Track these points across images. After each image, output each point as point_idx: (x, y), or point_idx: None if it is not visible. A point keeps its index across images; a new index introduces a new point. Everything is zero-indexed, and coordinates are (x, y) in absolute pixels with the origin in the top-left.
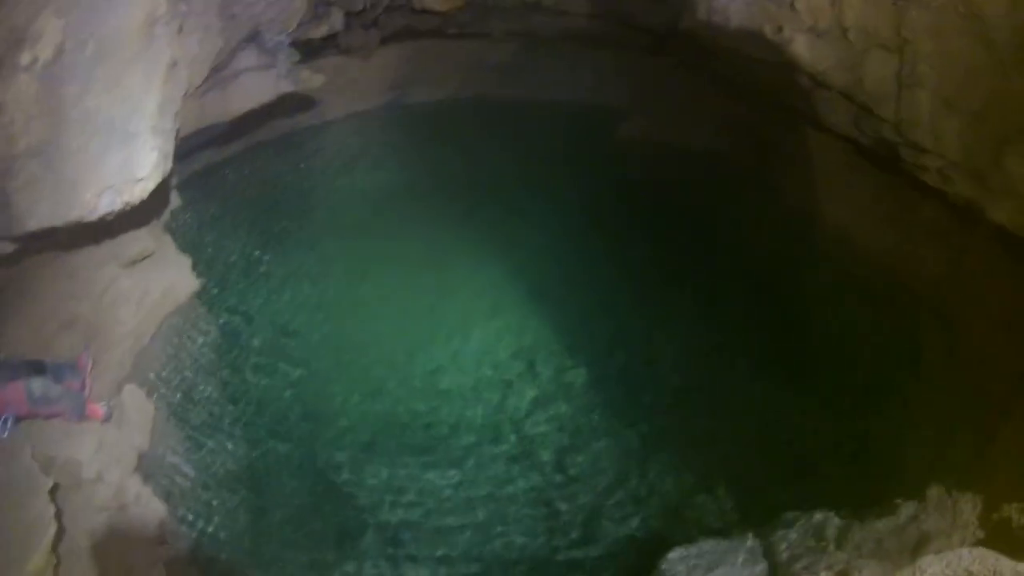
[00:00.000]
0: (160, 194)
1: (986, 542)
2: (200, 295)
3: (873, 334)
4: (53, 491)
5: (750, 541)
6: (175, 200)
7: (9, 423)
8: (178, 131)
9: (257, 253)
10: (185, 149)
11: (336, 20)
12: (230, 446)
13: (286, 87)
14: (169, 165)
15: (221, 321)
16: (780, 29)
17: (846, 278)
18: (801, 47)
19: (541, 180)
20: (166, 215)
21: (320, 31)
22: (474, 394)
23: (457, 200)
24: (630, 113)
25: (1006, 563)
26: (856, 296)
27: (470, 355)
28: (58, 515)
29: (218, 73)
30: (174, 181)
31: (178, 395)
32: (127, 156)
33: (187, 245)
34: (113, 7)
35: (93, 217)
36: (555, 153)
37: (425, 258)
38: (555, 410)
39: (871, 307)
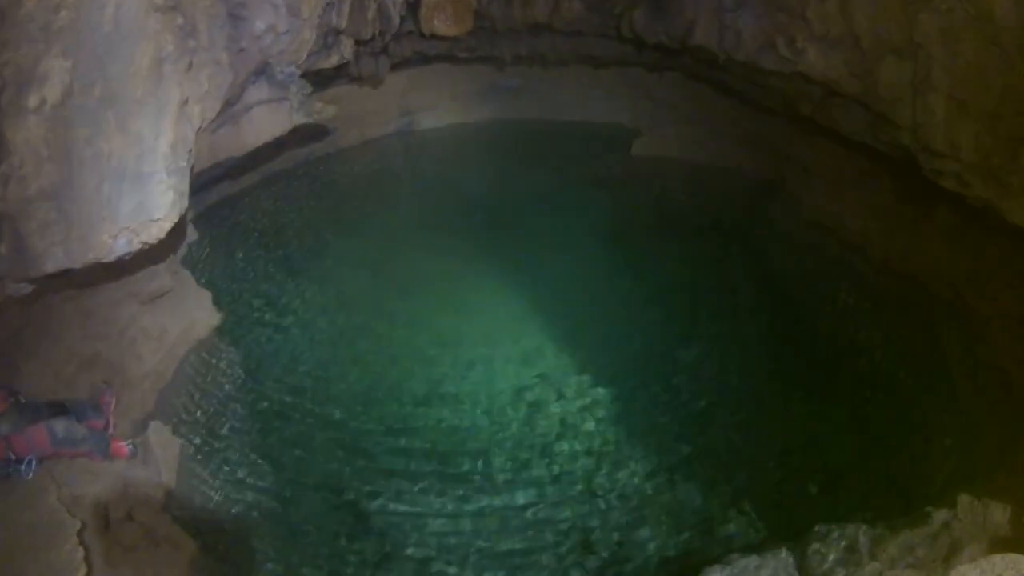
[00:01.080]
0: (177, 230)
1: (1018, 547)
2: (221, 330)
3: (896, 342)
4: (81, 532)
5: (784, 555)
6: (192, 234)
7: (33, 464)
8: (192, 167)
9: (276, 285)
10: (200, 182)
11: (346, 49)
12: (258, 481)
13: (299, 119)
14: (185, 203)
15: (243, 356)
16: (793, 40)
17: (867, 286)
18: (814, 57)
19: (558, 201)
20: (183, 249)
21: (330, 61)
22: (501, 420)
23: (473, 224)
24: (643, 131)
25: None
26: (878, 304)
27: (495, 381)
28: (87, 557)
29: (230, 107)
30: (190, 215)
31: (203, 431)
32: (142, 198)
33: (205, 279)
34: (120, 48)
35: (110, 258)
36: (571, 173)
37: (444, 284)
38: (583, 433)
39: (893, 314)
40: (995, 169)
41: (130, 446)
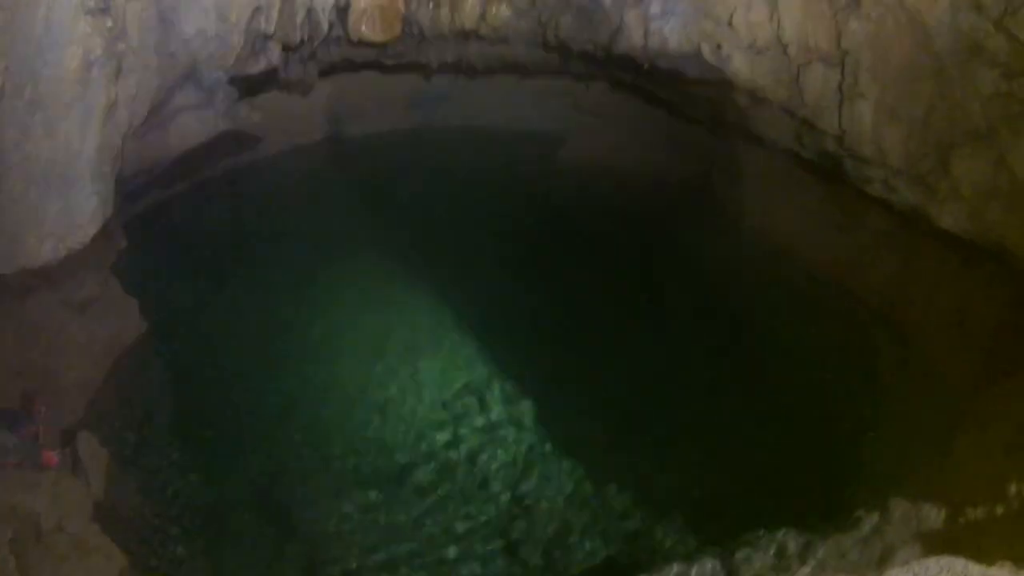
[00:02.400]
0: (104, 236)
1: (953, 548)
2: (148, 338)
3: (825, 346)
4: (12, 542)
5: (712, 563)
6: (120, 241)
7: None
8: (120, 172)
9: (204, 295)
10: (128, 189)
11: (273, 55)
12: (187, 490)
13: (226, 125)
14: (110, 209)
15: (170, 365)
16: (718, 48)
17: (796, 292)
18: (740, 65)
19: (483, 211)
20: (112, 257)
21: (258, 67)
22: (425, 431)
23: (399, 234)
24: (570, 139)
25: (975, 568)
26: (807, 309)
27: (419, 392)
28: (19, 567)
29: (158, 112)
30: (119, 222)
31: (132, 441)
32: (67, 202)
33: (134, 288)
34: (50, 50)
35: (37, 264)
36: (497, 183)
37: (369, 295)
38: (507, 443)
39: (822, 319)
40: (923, 175)
41: (59, 455)
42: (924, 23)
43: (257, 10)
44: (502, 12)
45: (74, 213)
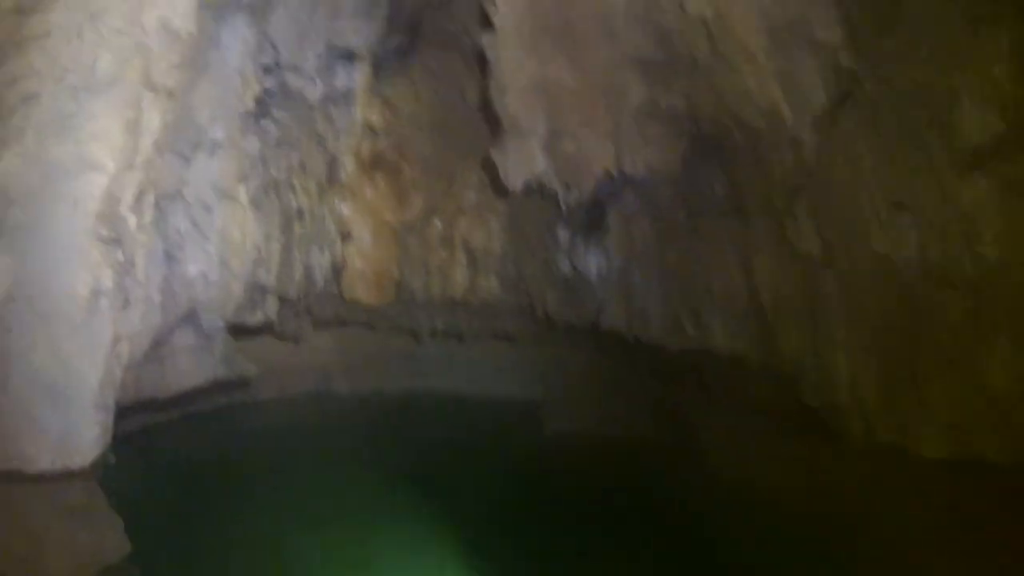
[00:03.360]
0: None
1: None
2: (130, 560)
3: None
4: None
5: None
6: (110, 458)
7: None
8: (116, 401)
9: (186, 524)
10: (121, 410)
11: (271, 308)
12: None
13: (221, 371)
14: (109, 438)
15: None
16: (698, 319)
17: (787, 541)
18: (719, 333)
19: (467, 479)
20: (100, 472)
21: (255, 318)
22: None
23: (378, 498)
24: (557, 407)
25: None
26: (793, 559)
27: None
28: None
29: (157, 349)
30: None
31: None
32: (68, 427)
33: (120, 506)
34: (63, 268)
35: (31, 470)
36: (481, 451)
37: (344, 555)
38: None
39: (808, 569)
40: (901, 416)
41: None
42: (893, 264)
43: (258, 261)
44: (490, 285)
45: (75, 438)
